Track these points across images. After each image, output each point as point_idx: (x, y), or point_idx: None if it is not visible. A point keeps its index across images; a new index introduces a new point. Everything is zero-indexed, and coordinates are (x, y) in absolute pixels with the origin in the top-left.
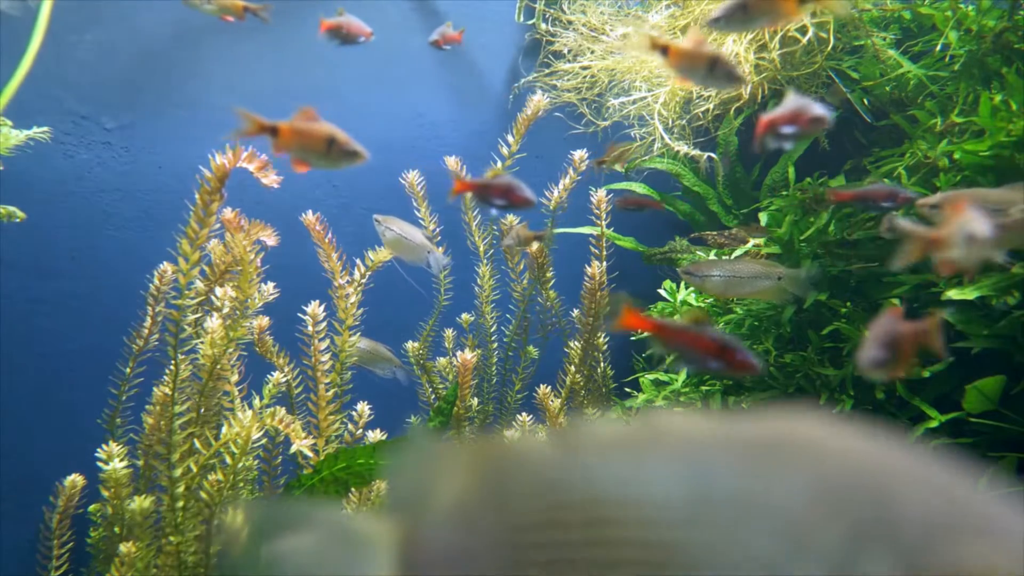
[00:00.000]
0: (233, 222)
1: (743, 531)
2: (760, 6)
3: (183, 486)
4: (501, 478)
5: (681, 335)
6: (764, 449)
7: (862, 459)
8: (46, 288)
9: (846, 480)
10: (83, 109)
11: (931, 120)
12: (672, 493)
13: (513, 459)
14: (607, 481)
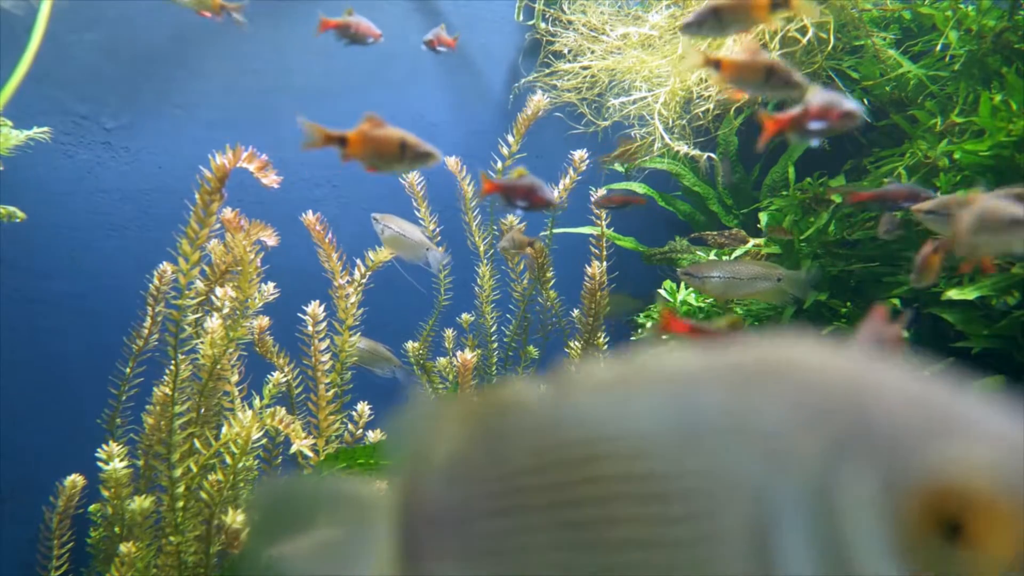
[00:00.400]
0: (233, 222)
1: (728, 456)
2: (733, 13)
3: (183, 486)
4: (496, 427)
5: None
6: (747, 375)
7: (840, 376)
8: (46, 288)
9: (824, 398)
10: (83, 109)
11: (931, 120)
12: (661, 424)
13: (508, 408)
14: (599, 419)
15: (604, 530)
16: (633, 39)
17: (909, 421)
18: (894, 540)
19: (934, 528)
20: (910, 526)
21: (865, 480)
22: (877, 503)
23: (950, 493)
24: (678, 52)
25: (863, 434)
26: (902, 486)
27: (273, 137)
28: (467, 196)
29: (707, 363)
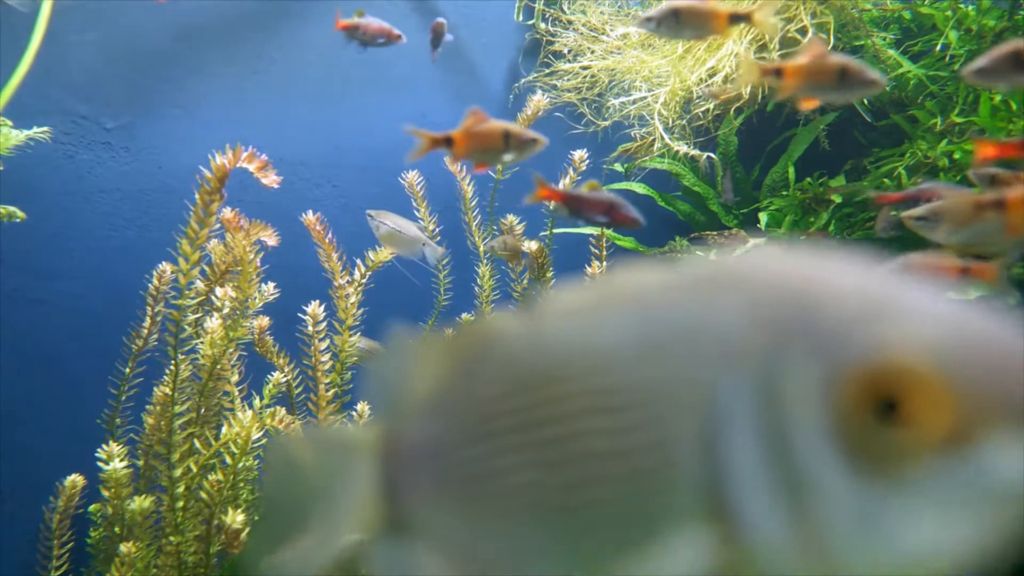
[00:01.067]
0: (233, 222)
1: (681, 361)
2: (692, 17)
3: (183, 486)
4: (471, 360)
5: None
6: (702, 284)
7: (788, 275)
8: (46, 288)
9: (771, 296)
10: (83, 109)
11: (931, 120)
12: (619, 339)
13: (482, 340)
14: (562, 341)
15: (568, 446)
16: (633, 39)
17: (849, 309)
18: (833, 426)
19: (869, 409)
20: (847, 409)
21: (807, 369)
22: (817, 390)
23: (884, 372)
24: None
25: (806, 326)
26: (839, 370)
27: (273, 137)
28: (467, 196)
29: (666, 278)
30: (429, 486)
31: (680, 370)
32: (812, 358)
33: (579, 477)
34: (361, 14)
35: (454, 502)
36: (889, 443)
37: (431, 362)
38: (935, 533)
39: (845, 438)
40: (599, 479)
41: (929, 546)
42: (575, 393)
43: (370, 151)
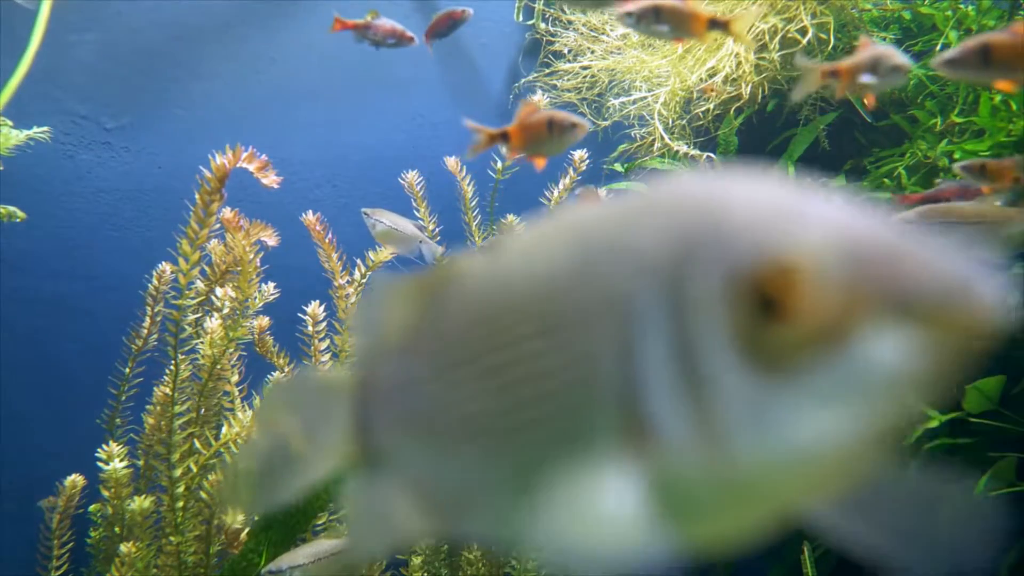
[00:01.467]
0: (233, 222)
1: (605, 280)
2: (672, 16)
3: (183, 486)
4: (436, 300)
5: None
6: (630, 209)
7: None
8: (46, 288)
9: (686, 212)
10: (83, 109)
11: (931, 120)
12: (556, 265)
13: (447, 280)
14: (511, 274)
15: (511, 372)
16: (633, 39)
17: (746, 218)
18: (728, 327)
19: (757, 307)
20: (738, 309)
21: (707, 275)
22: (714, 294)
23: (767, 272)
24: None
25: (709, 236)
26: (731, 273)
27: (273, 137)
28: (467, 196)
29: (602, 208)
30: (397, 421)
31: (602, 289)
32: (712, 265)
33: (520, 400)
34: (375, 15)
35: (419, 435)
36: (777, 340)
37: (403, 304)
38: (822, 425)
39: (739, 338)
40: (536, 399)
41: (818, 438)
42: (518, 321)
43: (370, 151)
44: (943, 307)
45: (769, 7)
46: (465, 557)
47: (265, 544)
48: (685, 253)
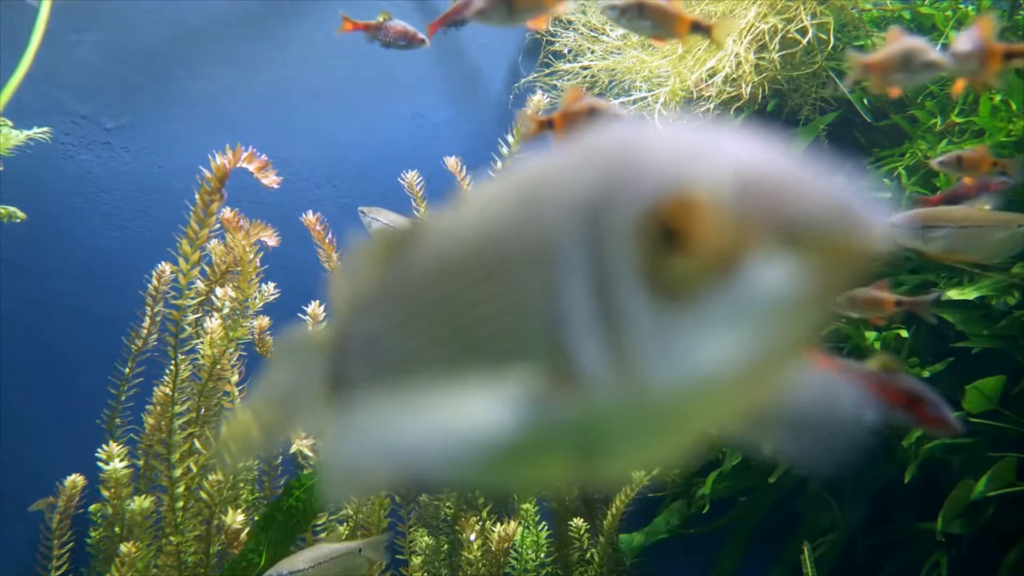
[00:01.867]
0: (233, 222)
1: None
2: (655, 14)
3: (183, 486)
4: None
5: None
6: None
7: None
8: (46, 288)
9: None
10: (83, 109)
11: (931, 120)
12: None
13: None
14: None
15: (460, 319)
16: (633, 39)
17: (658, 158)
18: (636, 260)
19: (659, 239)
20: (643, 243)
21: (621, 213)
22: (626, 230)
23: (667, 205)
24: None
25: (624, 177)
26: (640, 208)
27: (273, 137)
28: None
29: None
30: (366, 374)
31: (533, 234)
32: (623, 203)
33: (467, 345)
34: (387, 16)
35: (386, 384)
36: (679, 270)
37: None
38: (722, 349)
39: (646, 271)
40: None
41: (719, 362)
42: (466, 271)
43: (370, 151)
44: (825, 233)
45: (769, 7)
46: (465, 557)
47: (265, 544)
48: (602, 194)
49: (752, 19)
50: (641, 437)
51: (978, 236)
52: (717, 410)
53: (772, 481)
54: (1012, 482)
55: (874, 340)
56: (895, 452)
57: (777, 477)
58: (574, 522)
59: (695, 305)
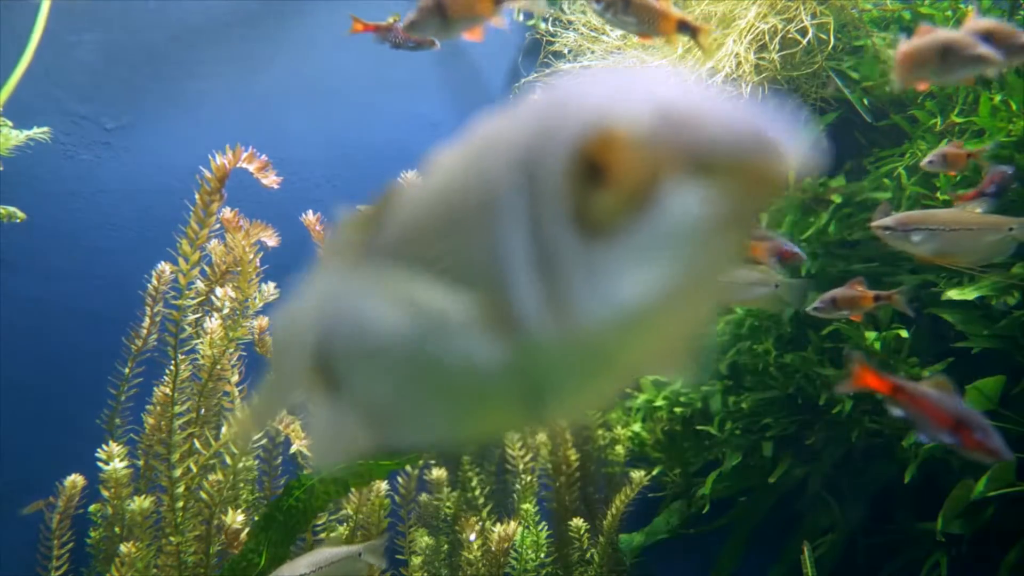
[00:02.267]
0: (233, 222)
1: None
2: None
3: (183, 486)
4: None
5: (919, 401)
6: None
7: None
8: (46, 288)
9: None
10: (83, 109)
11: (931, 120)
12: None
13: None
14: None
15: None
16: (633, 39)
17: (589, 100)
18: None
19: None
20: (569, 180)
21: (552, 155)
22: (556, 171)
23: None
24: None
25: (558, 121)
26: (568, 147)
27: (273, 137)
28: None
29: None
30: (346, 345)
31: (482, 185)
32: (554, 145)
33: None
34: (397, 18)
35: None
36: (602, 205)
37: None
38: (648, 281)
39: (574, 208)
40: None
41: (645, 294)
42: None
43: (370, 151)
44: (737, 157)
45: (769, 7)
46: (465, 557)
47: (265, 544)
48: (534, 141)
49: (752, 19)
50: (580, 376)
51: (969, 239)
52: (648, 342)
53: (772, 481)
54: (1012, 482)
55: (874, 340)
56: (895, 452)
57: (777, 477)
58: (574, 522)
59: (619, 239)
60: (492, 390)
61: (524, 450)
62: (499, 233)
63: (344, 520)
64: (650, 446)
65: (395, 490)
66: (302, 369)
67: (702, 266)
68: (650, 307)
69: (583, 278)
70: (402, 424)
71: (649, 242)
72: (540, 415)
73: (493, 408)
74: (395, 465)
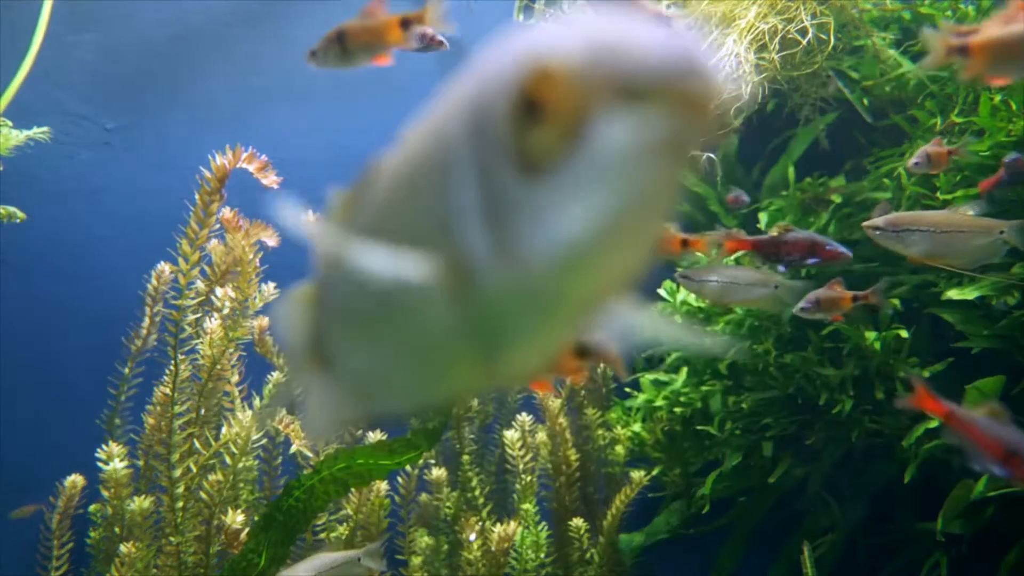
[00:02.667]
0: (232, 222)
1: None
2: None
3: (183, 486)
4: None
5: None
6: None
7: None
8: (46, 288)
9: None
10: (83, 109)
11: (931, 120)
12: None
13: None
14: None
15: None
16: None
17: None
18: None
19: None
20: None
21: (494, 100)
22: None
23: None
24: None
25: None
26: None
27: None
28: None
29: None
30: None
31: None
32: (495, 90)
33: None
34: None
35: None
36: (541, 141)
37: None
38: (589, 213)
39: (516, 148)
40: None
41: (587, 226)
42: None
43: (370, 151)
44: (665, 82)
45: (769, 7)
46: (465, 557)
47: (265, 544)
48: (480, 92)
49: (752, 19)
50: (533, 320)
51: (960, 241)
52: (595, 277)
53: (772, 481)
54: None
55: (874, 340)
56: (895, 452)
57: (777, 477)
58: (574, 522)
59: (559, 175)
60: (453, 347)
61: (524, 450)
62: (453, 188)
63: (344, 520)
64: (650, 446)
65: (395, 490)
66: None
67: (641, 196)
68: (593, 241)
69: (527, 218)
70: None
71: (587, 175)
72: (501, 368)
73: (456, 366)
74: (395, 465)
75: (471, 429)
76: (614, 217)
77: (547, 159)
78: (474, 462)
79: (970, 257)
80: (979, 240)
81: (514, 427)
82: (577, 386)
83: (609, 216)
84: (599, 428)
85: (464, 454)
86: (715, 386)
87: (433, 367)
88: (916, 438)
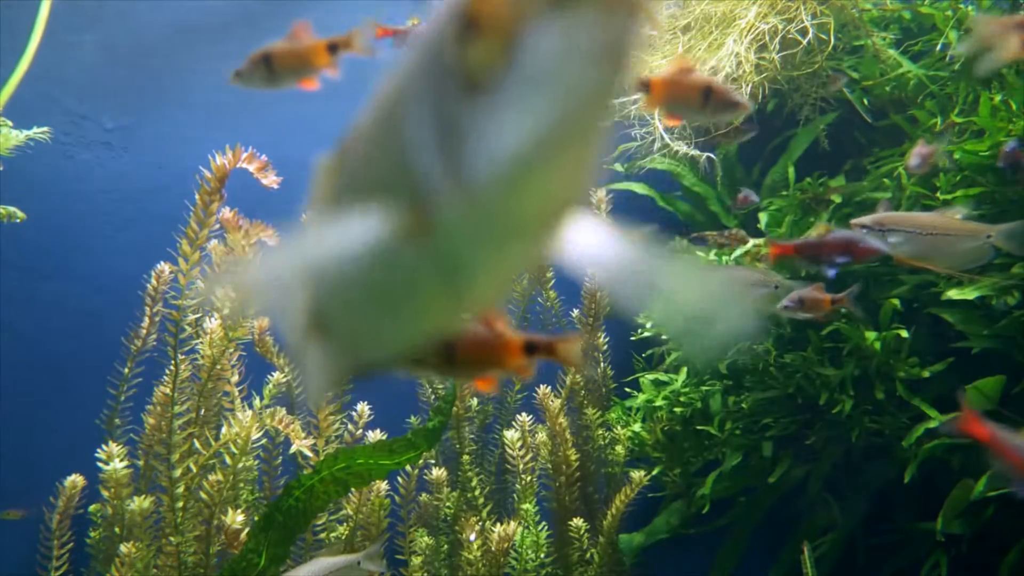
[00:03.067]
0: (232, 222)
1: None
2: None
3: (183, 486)
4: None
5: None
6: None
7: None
8: (46, 288)
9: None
10: (83, 109)
11: (931, 120)
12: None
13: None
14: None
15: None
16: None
17: None
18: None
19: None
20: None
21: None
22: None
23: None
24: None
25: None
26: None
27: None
28: None
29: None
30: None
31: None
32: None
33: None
34: (417, 22)
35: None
36: (477, 56)
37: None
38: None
39: (460, 69)
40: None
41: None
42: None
43: None
44: None
45: (769, 7)
46: (465, 557)
47: (265, 544)
48: (436, 21)
49: (752, 19)
50: (491, 243)
51: (946, 244)
52: (544, 191)
53: (772, 481)
54: None
55: (874, 340)
56: (895, 452)
57: (777, 477)
58: (574, 522)
59: (499, 89)
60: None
61: (524, 450)
62: (410, 124)
63: (344, 520)
64: (650, 446)
65: (395, 490)
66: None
67: (578, 103)
68: (533, 152)
69: (474, 139)
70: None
71: (524, 86)
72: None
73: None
74: (395, 465)
75: (471, 429)
76: (553, 127)
77: (487, 74)
78: (474, 462)
79: (956, 260)
80: (966, 244)
81: (514, 427)
82: (577, 387)
83: (547, 126)
84: (599, 428)
85: (464, 454)
86: (715, 386)
87: (409, 310)
88: (916, 438)
